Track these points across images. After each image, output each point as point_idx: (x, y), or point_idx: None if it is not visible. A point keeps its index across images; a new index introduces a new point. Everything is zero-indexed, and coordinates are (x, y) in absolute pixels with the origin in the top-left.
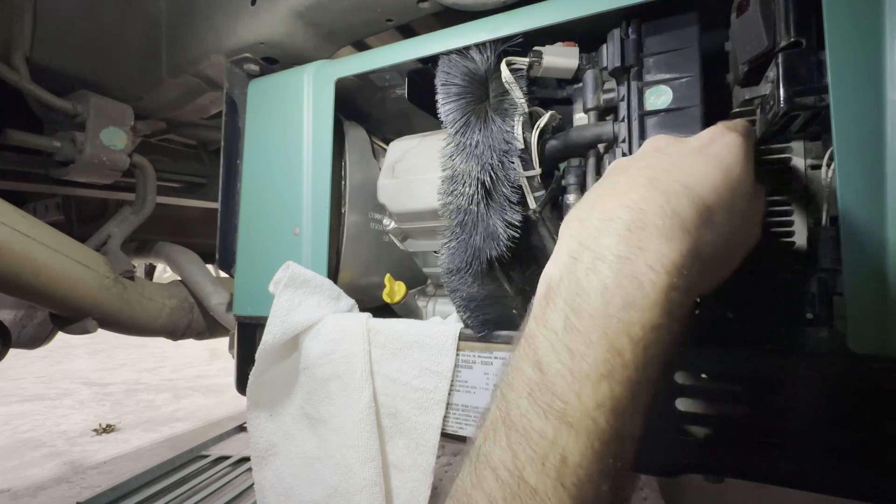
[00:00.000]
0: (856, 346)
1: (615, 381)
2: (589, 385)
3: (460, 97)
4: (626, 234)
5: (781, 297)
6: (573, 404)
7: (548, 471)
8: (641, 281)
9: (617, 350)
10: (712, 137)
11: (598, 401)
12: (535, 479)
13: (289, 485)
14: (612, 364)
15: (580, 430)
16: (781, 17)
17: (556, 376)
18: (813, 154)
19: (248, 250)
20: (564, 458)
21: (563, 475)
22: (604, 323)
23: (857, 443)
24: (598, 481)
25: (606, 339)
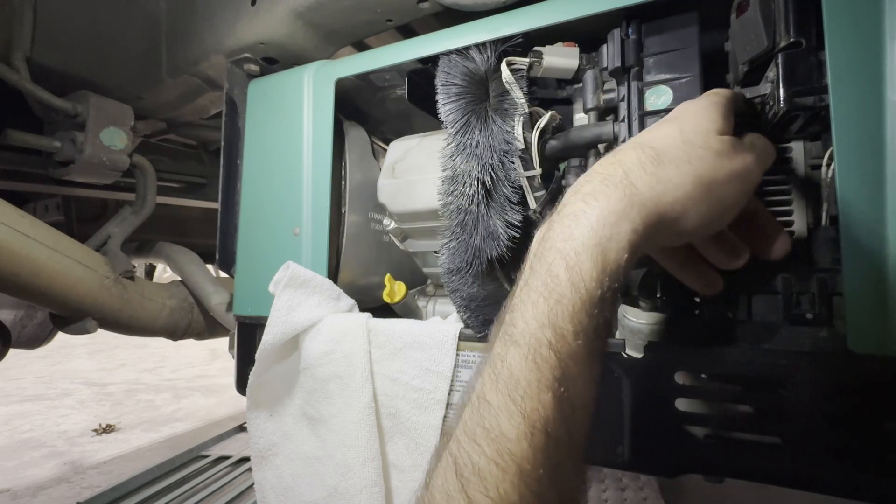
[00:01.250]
0: (856, 346)
1: (551, 300)
2: (531, 307)
3: (460, 97)
4: (578, 188)
5: (781, 297)
6: (520, 326)
7: (499, 386)
8: (577, 215)
9: (554, 273)
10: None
11: (538, 319)
12: (491, 394)
13: (289, 485)
14: (549, 285)
15: (522, 346)
16: (781, 18)
17: (514, 309)
18: (813, 154)
19: (248, 250)
20: (511, 372)
21: (510, 387)
22: (547, 254)
23: (857, 443)
24: (538, 391)
25: (547, 268)
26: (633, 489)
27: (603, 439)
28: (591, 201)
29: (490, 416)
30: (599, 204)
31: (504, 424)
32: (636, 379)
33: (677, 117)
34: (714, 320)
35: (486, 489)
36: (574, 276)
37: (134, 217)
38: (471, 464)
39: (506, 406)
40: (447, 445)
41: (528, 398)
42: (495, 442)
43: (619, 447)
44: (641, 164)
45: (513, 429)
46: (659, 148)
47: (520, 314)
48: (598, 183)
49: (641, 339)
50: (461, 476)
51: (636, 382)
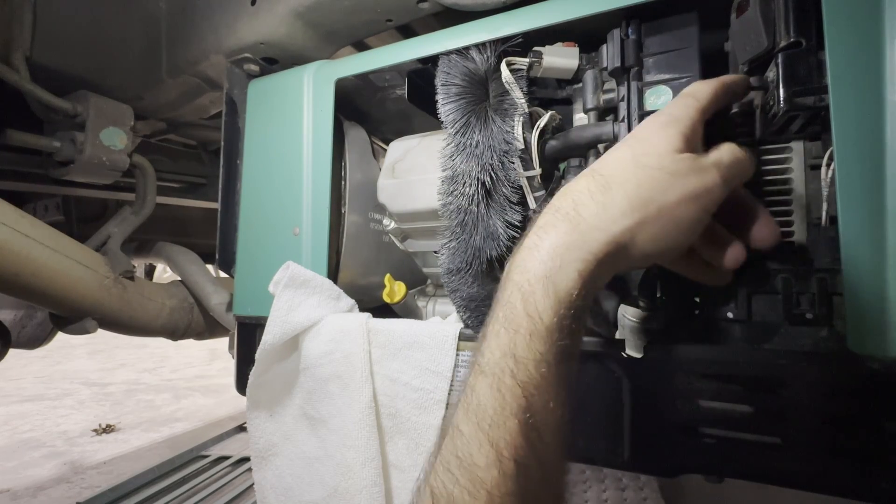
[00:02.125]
0: (856, 346)
1: (512, 331)
2: (494, 338)
3: (460, 97)
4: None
5: (781, 297)
6: (486, 356)
7: (469, 415)
8: (531, 249)
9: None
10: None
11: (501, 349)
12: (464, 425)
13: (289, 485)
14: (509, 317)
15: (489, 376)
16: (781, 18)
17: (483, 338)
18: (813, 154)
19: (247, 250)
20: (479, 402)
21: (479, 417)
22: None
23: (857, 443)
24: (504, 419)
25: (507, 299)
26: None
27: (603, 439)
28: (542, 234)
29: (462, 445)
30: (549, 237)
31: (475, 453)
32: (636, 379)
33: (632, 137)
34: (714, 320)
35: None
36: (529, 307)
37: (134, 217)
38: (446, 493)
39: (475, 435)
40: (427, 476)
41: (495, 426)
42: (467, 471)
43: (619, 447)
44: (590, 192)
45: (482, 457)
46: (608, 174)
47: (486, 344)
48: (550, 215)
49: (642, 339)
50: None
51: (636, 382)
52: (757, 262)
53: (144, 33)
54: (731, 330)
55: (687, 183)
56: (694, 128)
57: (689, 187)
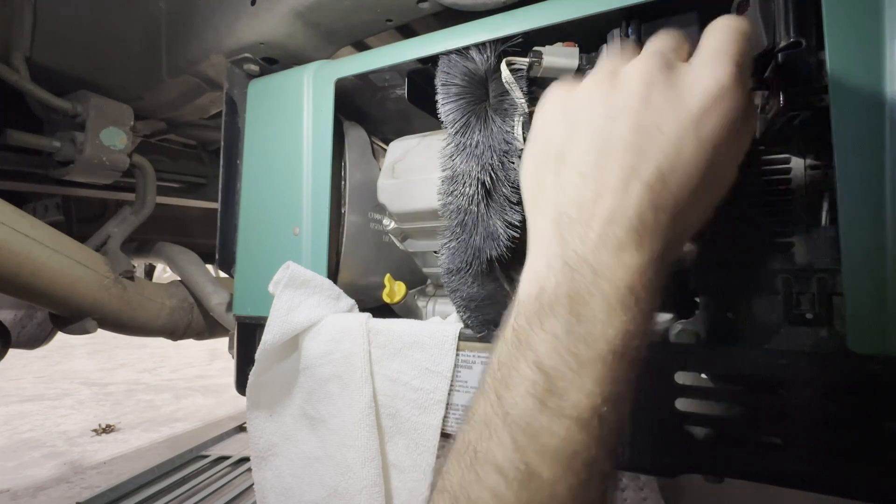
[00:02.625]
0: (856, 346)
1: (618, 382)
2: (598, 388)
3: (460, 97)
4: (621, 256)
5: (781, 297)
6: (584, 405)
7: (560, 463)
8: (638, 297)
9: (621, 356)
10: (714, 99)
11: (605, 399)
12: (548, 472)
13: (289, 485)
14: (615, 368)
15: (591, 427)
16: (781, 18)
17: (563, 380)
18: (813, 154)
19: (247, 250)
20: (577, 452)
21: (574, 465)
22: (611, 334)
23: (857, 443)
24: (602, 465)
25: (612, 348)
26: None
27: None
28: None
29: (543, 491)
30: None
31: (564, 497)
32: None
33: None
34: (714, 320)
35: None
36: (629, 358)
37: (134, 217)
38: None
39: (566, 482)
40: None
41: (592, 477)
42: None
43: (620, 447)
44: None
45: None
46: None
47: (579, 392)
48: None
49: None
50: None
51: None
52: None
53: (144, 33)
54: (731, 330)
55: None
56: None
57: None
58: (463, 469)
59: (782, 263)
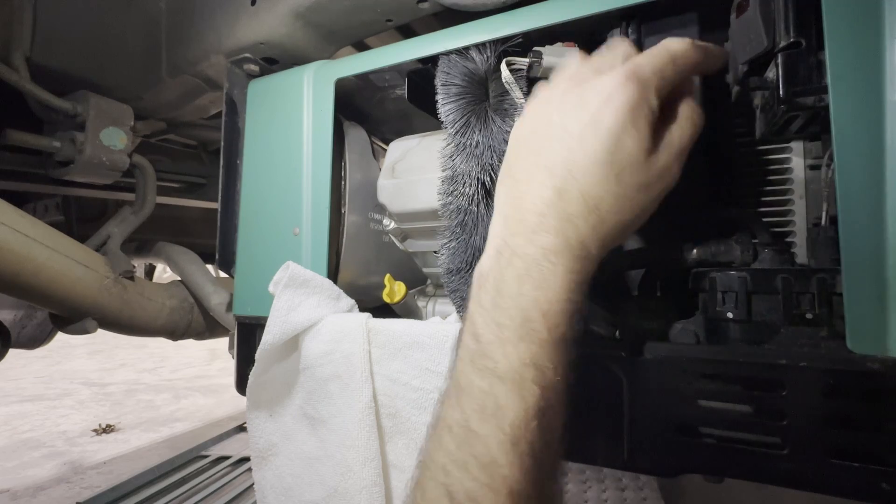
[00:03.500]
0: (855, 346)
1: (532, 343)
2: (511, 347)
3: (460, 97)
4: (531, 236)
5: (781, 297)
6: (502, 363)
7: (487, 418)
8: (542, 268)
9: (530, 318)
10: (608, 97)
11: (522, 359)
12: (478, 425)
13: (289, 485)
14: (527, 329)
15: (510, 384)
16: (781, 18)
17: (488, 344)
18: (813, 154)
19: (247, 250)
20: (500, 406)
21: (500, 421)
22: (519, 302)
23: (857, 443)
24: (526, 420)
25: (522, 313)
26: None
27: (603, 439)
28: (551, 259)
29: (480, 445)
30: (560, 262)
31: (495, 452)
32: (636, 379)
33: (602, 127)
34: (714, 320)
35: None
36: (549, 322)
37: (134, 217)
38: (464, 490)
39: (495, 436)
40: (431, 476)
41: (517, 428)
42: (487, 469)
43: (619, 447)
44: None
45: (503, 456)
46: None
47: (498, 349)
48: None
49: None
50: (453, 500)
51: (636, 382)
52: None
53: (144, 33)
54: (731, 330)
55: (652, 191)
56: (661, 89)
57: (654, 194)
58: (430, 439)
59: (782, 263)
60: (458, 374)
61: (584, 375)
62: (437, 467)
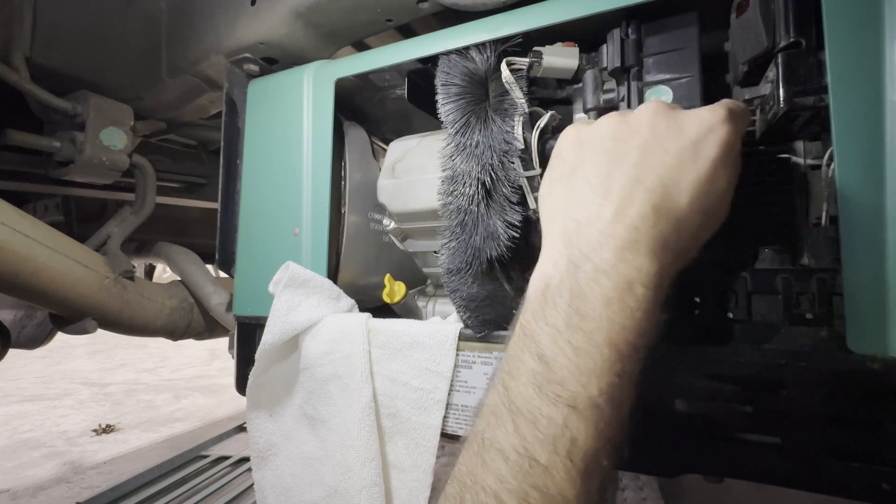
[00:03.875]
0: (855, 346)
1: (615, 374)
2: (594, 378)
3: (460, 97)
4: (622, 253)
5: (781, 297)
6: (581, 394)
7: (558, 450)
8: (636, 294)
9: (617, 349)
10: (710, 128)
11: (601, 390)
12: (546, 458)
13: (288, 485)
14: (612, 360)
15: (587, 416)
16: (781, 18)
17: (561, 369)
18: (813, 154)
19: (247, 250)
20: (574, 439)
21: (572, 453)
22: (607, 327)
23: (857, 443)
24: (600, 457)
25: (609, 341)
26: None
27: None
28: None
29: (546, 477)
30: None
31: (563, 486)
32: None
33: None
34: (714, 320)
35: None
36: (634, 354)
37: (134, 217)
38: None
39: (566, 469)
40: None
41: (589, 461)
42: (552, 502)
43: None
44: None
45: (574, 492)
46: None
47: (575, 378)
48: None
49: None
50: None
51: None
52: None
53: (144, 33)
54: (731, 330)
55: (714, 229)
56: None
57: (713, 231)
58: (471, 456)
59: (782, 263)
60: (514, 396)
61: None
62: (485, 493)
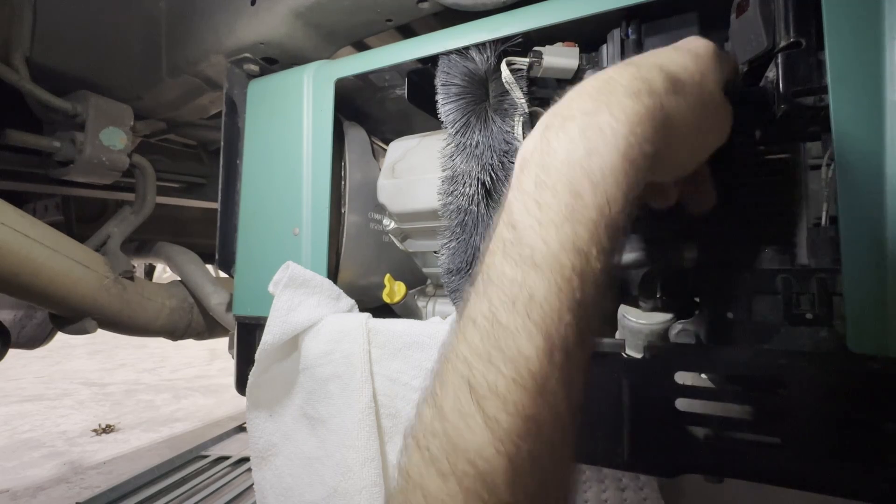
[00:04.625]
0: (855, 346)
1: (577, 223)
2: (553, 229)
3: (460, 97)
4: (594, 94)
5: (781, 297)
6: (539, 248)
7: (517, 309)
8: (603, 128)
9: (578, 193)
10: (685, 40)
11: (561, 242)
12: (506, 317)
13: (288, 485)
14: (573, 206)
15: (545, 269)
16: (781, 18)
17: (526, 229)
18: (813, 154)
19: (247, 250)
20: (531, 295)
21: (530, 310)
22: (567, 171)
23: (857, 443)
24: (560, 313)
25: (569, 185)
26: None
27: (603, 439)
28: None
29: (506, 337)
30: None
31: (523, 345)
32: (636, 379)
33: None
34: (714, 320)
35: (505, 406)
36: (599, 198)
37: (134, 217)
38: (486, 383)
39: (524, 327)
40: (451, 367)
41: (549, 319)
42: (513, 362)
43: (619, 447)
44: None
45: (533, 348)
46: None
47: (536, 234)
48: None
49: (641, 340)
50: (476, 395)
51: (636, 382)
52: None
53: (144, 33)
54: (730, 330)
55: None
56: None
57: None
58: (453, 333)
59: (782, 263)
60: (486, 267)
61: None
62: (458, 359)
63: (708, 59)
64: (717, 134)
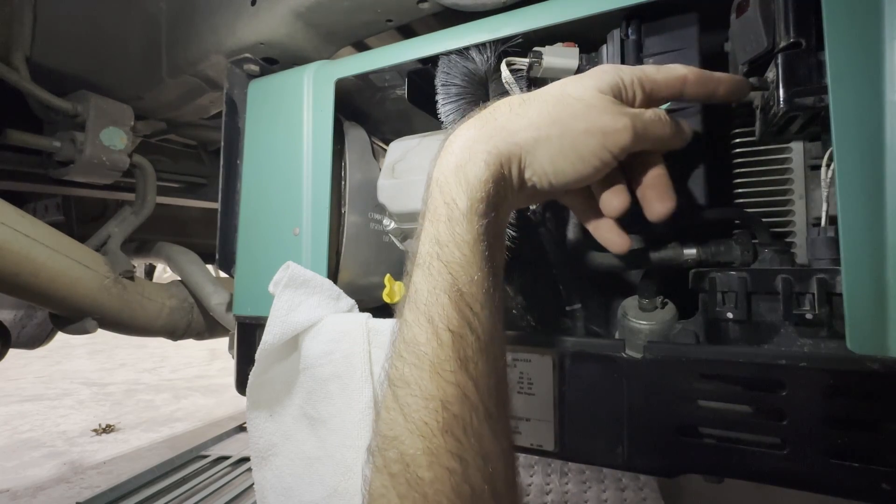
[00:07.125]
0: (855, 347)
1: (436, 221)
2: (423, 233)
3: (460, 98)
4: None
5: (781, 297)
6: (420, 251)
7: (410, 303)
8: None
9: (433, 196)
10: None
11: (428, 239)
12: (406, 313)
13: (289, 485)
14: (432, 207)
15: (421, 265)
16: (781, 18)
17: (416, 241)
18: (813, 154)
19: (247, 250)
20: (416, 288)
21: (416, 300)
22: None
23: (856, 443)
24: (436, 296)
25: (433, 193)
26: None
27: (603, 439)
28: (457, 133)
29: (407, 329)
30: (462, 134)
31: (417, 332)
32: (636, 379)
33: (572, 77)
34: (714, 320)
35: (411, 390)
36: (445, 196)
37: (134, 217)
38: (398, 375)
39: (416, 317)
40: (384, 371)
41: (430, 304)
42: (412, 349)
43: (619, 447)
44: (509, 104)
45: (422, 333)
46: (533, 95)
47: (418, 241)
48: (469, 119)
49: (641, 339)
50: (393, 387)
51: (636, 382)
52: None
53: (144, 33)
54: (731, 330)
55: (598, 117)
56: (630, 88)
57: (599, 122)
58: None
59: (782, 263)
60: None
61: (584, 375)
62: (388, 362)
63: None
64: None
